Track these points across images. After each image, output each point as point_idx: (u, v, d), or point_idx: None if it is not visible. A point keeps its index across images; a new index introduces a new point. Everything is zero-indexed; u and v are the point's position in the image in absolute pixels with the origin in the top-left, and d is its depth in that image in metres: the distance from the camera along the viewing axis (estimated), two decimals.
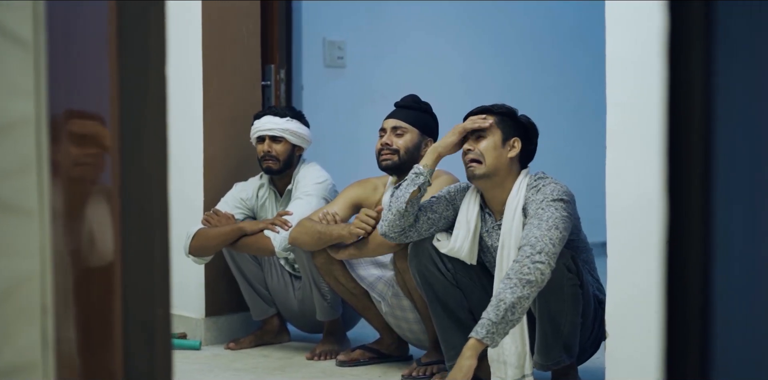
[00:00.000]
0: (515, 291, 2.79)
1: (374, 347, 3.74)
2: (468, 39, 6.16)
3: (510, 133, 3.18)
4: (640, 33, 2.79)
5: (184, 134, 4.15)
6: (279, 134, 3.88)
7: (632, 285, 2.85)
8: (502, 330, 2.80)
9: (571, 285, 3.01)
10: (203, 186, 4.10)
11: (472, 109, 3.24)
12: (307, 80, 5.42)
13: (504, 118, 3.19)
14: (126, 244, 1.51)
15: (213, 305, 4.13)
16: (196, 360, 3.82)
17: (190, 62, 4.10)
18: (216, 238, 3.83)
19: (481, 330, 2.79)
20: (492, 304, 2.81)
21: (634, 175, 2.82)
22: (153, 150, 1.46)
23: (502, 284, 2.84)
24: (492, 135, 3.16)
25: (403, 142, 3.58)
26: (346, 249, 3.50)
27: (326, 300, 3.82)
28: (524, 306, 2.81)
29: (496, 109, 3.20)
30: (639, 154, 2.81)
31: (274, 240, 3.75)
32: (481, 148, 3.15)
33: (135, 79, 1.42)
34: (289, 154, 3.93)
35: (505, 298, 2.79)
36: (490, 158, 3.13)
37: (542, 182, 3.09)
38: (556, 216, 2.95)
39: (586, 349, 3.24)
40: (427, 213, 3.22)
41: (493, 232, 3.20)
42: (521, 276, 2.81)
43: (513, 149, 3.17)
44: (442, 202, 3.25)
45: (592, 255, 3.27)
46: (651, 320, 2.81)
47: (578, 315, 3.06)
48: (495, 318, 2.78)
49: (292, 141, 3.91)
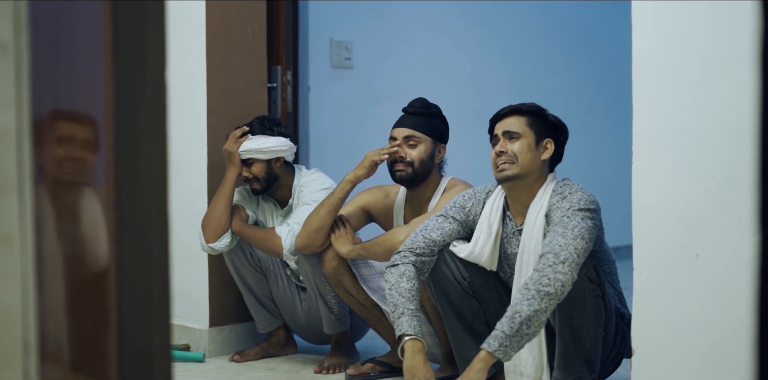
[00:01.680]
0: (532, 303, 2.67)
1: (385, 360, 3.63)
2: (476, 39, 6.08)
3: (542, 133, 3.07)
4: (668, 34, 2.67)
5: (187, 138, 4.05)
6: (246, 157, 3.76)
7: (660, 299, 2.71)
8: (516, 344, 2.68)
9: (593, 297, 2.90)
10: (207, 192, 3.98)
11: (501, 109, 3.11)
12: (313, 81, 5.34)
13: (536, 119, 3.08)
14: (122, 264, 1.39)
15: (217, 315, 4.03)
16: (199, 373, 3.72)
17: (194, 64, 4.00)
18: (215, 202, 3.76)
19: (494, 342, 2.67)
20: (507, 315, 2.69)
21: (662, 182, 2.69)
22: (152, 157, 1.37)
23: (519, 294, 2.72)
24: (525, 136, 3.04)
25: (417, 153, 3.46)
26: (353, 247, 3.37)
27: (333, 313, 3.71)
28: (541, 319, 2.70)
29: (526, 109, 3.08)
30: (666, 159, 2.68)
31: (284, 240, 3.62)
32: (515, 149, 3.03)
33: (132, 84, 1.27)
34: (267, 171, 3.79)
35: (522, 310, 2.67)
36: (525, 160, 3.02)
37: (568, 189, 2.99)
38: (583, 225, 2.83)
39: (607, 365, 3.13)
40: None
41: (513, 238, 3.08)
42: (540, 287, 2.69)
43: (546, 151, 3.07)
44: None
45: (615, 267, 3.16)
46: (680, 335, 2.68)
47: (600, 328, 2.95)
48: (509, 330, 2.66)
49: (263, 158, 3.77)
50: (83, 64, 1.27)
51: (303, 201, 3.77)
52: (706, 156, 2.61)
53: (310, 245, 3.49)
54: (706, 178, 2.61)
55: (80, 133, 1.28)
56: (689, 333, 2.65)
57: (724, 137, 2.58)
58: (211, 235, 3.73)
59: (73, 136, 1.26)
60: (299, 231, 3.53)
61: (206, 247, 3.75)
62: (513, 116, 3.08)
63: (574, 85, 6.55)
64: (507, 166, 3.02)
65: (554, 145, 3.07)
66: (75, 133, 1.26)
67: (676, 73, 2.66)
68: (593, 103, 6.66)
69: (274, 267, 3.86)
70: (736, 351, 2.54)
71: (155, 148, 1.33)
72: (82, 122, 1.29)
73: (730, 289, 2.56)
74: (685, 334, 2.67)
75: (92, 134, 1.29)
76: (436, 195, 3.51)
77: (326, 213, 3.45)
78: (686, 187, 2.64)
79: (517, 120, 3.07)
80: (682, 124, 2.65)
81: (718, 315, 2.59)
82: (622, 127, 6.77)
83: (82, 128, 1.29)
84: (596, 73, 6.67)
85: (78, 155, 1.27)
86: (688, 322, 2.65)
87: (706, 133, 2.61)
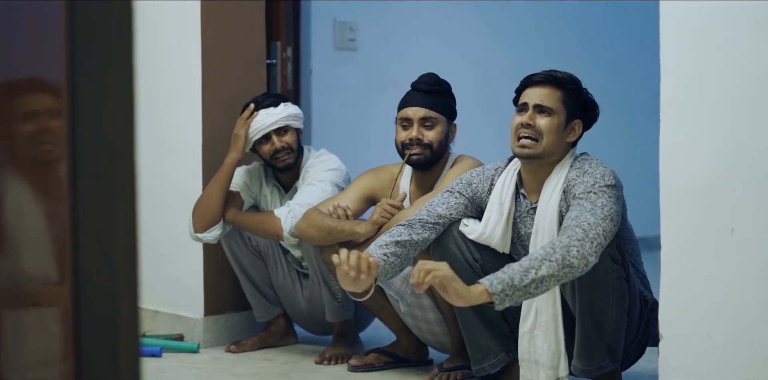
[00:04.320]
0: (552, 266, 2.46)
1: (390, 350, 3.45)
2: (487, 21, 5.93)
3: (574, 113, 2.85)
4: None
5: (182, 117, 3.86)
6: (284, 123, 3.57)
7: (690, 280, 2.51)
8: (517, 298, 2.47)
9: (616, 278, 2.70)
10: (202, 174, 3.79)
11: (535, 73, 2.88)
12: (316, 63, 5.18)
13: (572, 95, 2.85)
14: (78, 222, 1.21)
15: (213, 303, 3.85)
16: (193, 364, 3.55)
17: (187, 39, 3.80)
18: (210, 188, 3.57)
19: (498, 285, 2.44)
20: (523, 266, 2.46)
21: (692, 151, 2.49)
22: (116, 125, 1.19)
23: (542, 250, 2.50)
24: (557, 114, 2.82)
25: (434, 134, 3.27)
26: (358, 247, 3.16)
27: (336, 300, 3.52)
28: (550, 286, 2.50)
29: (565, 82, 2.85)
30: (697, 126, 2.48)
31: (284, 222, 3.43)
32: (543, 125, 2.81)
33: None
34: (298, 142, 3.65)
35: (539, 268, 2.46)
36: (550, 140, 2.80)
37: (588, 163, 2.78)
38: (611, 206, 2.63)
39: (630, 354, 2.93)
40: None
41: (527, 218, 2.87)
42: (566, 254, 2.48)
43: (573, 133, 2.85)
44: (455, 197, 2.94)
45: (638, 247, 2.96)
46: (713, 321, 2.47)
47: (624, 312, 2.76)
48: (518, 282, 2.44)
49: (296, 126, 3.62)
50: (38, 33, 1.15)
51: (307, 181, 3.58)
52: (741, 122, 2.40)
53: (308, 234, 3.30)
54: (741, 145, 2.40)
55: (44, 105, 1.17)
56: (723, 318, 2.45)
57: (760, 102, 2.37)
58: (200, 224, 3.55)
59: (37, 110, 1.18)
60: (300, 219, 3.33)
61: (194, 236, 3.58)
62: (549, 87, 2.85)
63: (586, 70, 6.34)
64: (529, 142, 2.79)
65: (582, 127, 2.86)
66: (39, 107, 1.18)
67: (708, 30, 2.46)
68: (606, 90, 6.47)
69: (274, 252, 3.67)
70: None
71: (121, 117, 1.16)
72: (44, 92, 1.17)
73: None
74: (718, 319, 2.46)
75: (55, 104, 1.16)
76: (443, 174, 3.32)
77: None
78: (719, 156, 2.44)
79: (552, 92, 2.84)
80: (714, 87, 2.45)
81: (756, 298, 2.39)
82: (637, 114, 6.64)
83: (44, 99, 1.17)
84: (608, 59, 6.49)
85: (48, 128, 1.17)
86: (721, 306, 2.44)
87: (740, 97, 2.41)
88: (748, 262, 2.40)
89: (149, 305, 4.00)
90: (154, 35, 3.94)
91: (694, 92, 2.48)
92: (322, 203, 3.37)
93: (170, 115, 3.89)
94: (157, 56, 3.93)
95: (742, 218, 2.40)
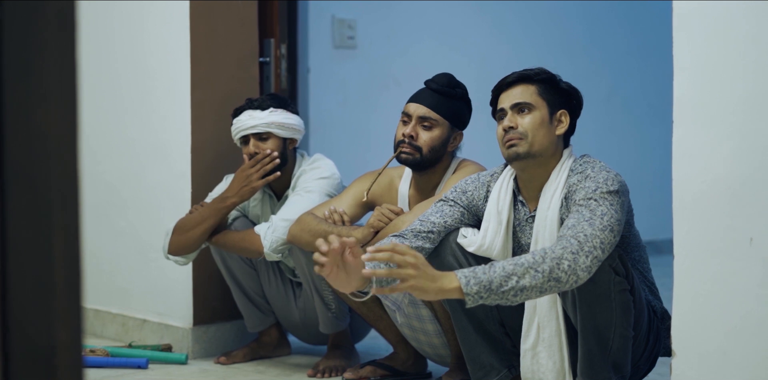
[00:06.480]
0: (536, 277, 2.29)
1: (387, 363, 3.33)
2: (490, 19, 5.81)
3: (556, 104, 2.71)
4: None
5: (170, 117, 3.73)
6: (264, 130, 3.37)
7: (706, 292, 2.36)
8: (491, 301, 2.30)
9: (619, 291, 2.53)
10: (191, 176, 3.67)
11: (506, 76, 2.74)
12: (314, 62, 5.06)
13: (548, 87, 2.72)
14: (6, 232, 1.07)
15: (202, 312, 3.72)
16: (181, 376, 3.41)
17: (176, 35, 3.66)
18: (198, 224, 3.35)
19: (474, 286, 2.26)
20: (506, 270, 2.28)
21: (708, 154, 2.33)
22: (55, 131, 1.07)
23: (530, 257, 2.32)
24: (538, 108, 2.68)
25: (429, 137, 3.10)
26: None
27: (330, 310, 3.38)
28: (531, 296, 2.32)
29: (535, 75, 2.71)
30: (713, 127, 2.32)
31: (264, 238, 3.26)
32: (526, 124, 2.66)
33: None
34: (281, 151, 3.41)
35: (523, 277, 2.28)
36: (538, 136, 2.65)
37: (590, 167, 2.61)
38: (612, 215, 2.46)
39: (640, 367, 2.77)
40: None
41: (527, 226, 2.71)
42: (555, 266, 2.30)
43: (561, 124, 2.71)
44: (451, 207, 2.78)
45: (646, 254, 2.80)
46: (730, 336, 2.31)
47: (630, 327, 2.58)
48: (495, 287, 2.27)
49: (281, 135, 3.40)
50: None
51: (296, 191, 3.42)
52: (760, 122, 2.24)
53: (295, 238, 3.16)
54: (760, 148, 2.24)
55: None
56: (741, 332, 2.29)
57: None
58: (176, 249, 3.42)
59: None
60: (293, 224, 3.18)
61: (166, 255, 3.44)
62: (521, 85, 2.72)
63: (593, 70, 6.22)
64: (516, 141, 2.65)
65: (569, 117, 2.71)
66: None
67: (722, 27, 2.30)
68: (613, 90, 6.34)
69: (266, 260, 3.51)
70: None
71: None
72: None
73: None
74: (735, 334, 2.30)
75: None
76: (445, 178, 3.17)
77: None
78: (736, 159, 2.28)
79: (525, 89, 2.71)
80: (730, 85, 2.29)
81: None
82: (645, 114, 6.51)
83: None
84: (616, 58, 6.36)
85: None
86: (739, 319, 2.29)
87: (759, 96, 2.25)
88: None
89: (136, 313, 3.87)
90: (141, 30, 3.80)
91: (709, 91, 2.33)
92: (318, 207, 3.23)
93: (158, 114, 3.75)
94: (145, 53, 3.79)
95: (762, 226, 2.24)
